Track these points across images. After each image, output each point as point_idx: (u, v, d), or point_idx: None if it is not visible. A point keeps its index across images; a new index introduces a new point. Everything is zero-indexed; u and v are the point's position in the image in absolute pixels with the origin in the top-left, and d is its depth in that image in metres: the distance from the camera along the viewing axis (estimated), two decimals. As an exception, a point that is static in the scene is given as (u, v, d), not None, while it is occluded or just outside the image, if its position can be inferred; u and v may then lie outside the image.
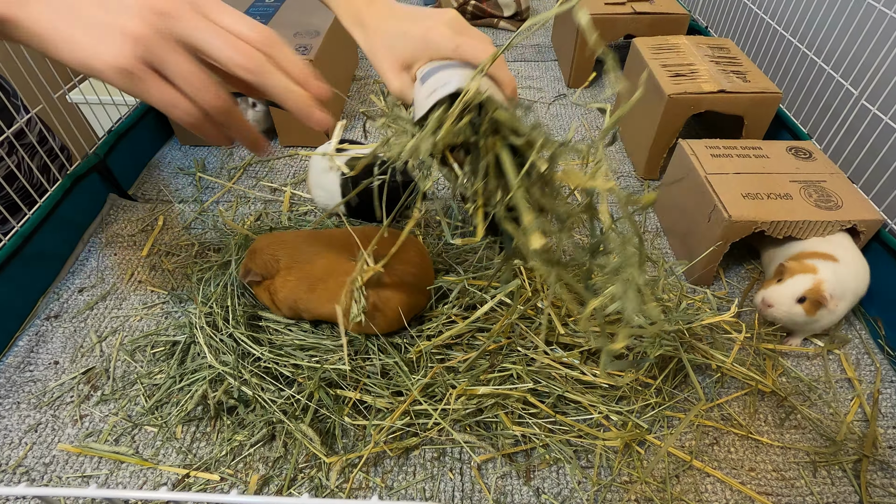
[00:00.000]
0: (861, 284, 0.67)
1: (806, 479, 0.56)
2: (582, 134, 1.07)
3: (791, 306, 0.64)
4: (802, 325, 0.66)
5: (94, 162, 0.86)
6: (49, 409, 0.61)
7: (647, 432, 0.58)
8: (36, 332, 0.69)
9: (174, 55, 0.35)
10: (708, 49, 0.97)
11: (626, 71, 1.03)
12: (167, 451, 0.57)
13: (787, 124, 0.93)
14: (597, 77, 1.26)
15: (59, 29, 0.33)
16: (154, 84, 0.35)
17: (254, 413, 0.58)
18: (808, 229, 0.68)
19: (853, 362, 0.67)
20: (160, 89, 0.35)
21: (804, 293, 0.63)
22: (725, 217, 0.67)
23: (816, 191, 0.71)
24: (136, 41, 0.33)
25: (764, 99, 0.84)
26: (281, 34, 1.00)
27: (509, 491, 0.55)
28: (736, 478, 0.56)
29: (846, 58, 0.86)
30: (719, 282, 0.77)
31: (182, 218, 0.86)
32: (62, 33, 0.33)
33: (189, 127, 0.38)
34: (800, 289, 0.63)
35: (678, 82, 0.86)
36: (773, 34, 1.05)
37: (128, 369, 0.65)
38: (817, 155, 0.79)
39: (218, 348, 0.61)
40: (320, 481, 0.55)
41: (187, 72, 0.35)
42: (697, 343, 0.63)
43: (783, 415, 0.61)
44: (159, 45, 0.34)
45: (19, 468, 0.56)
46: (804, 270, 0.64)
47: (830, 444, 0.58)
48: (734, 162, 0.76)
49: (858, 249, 0.68)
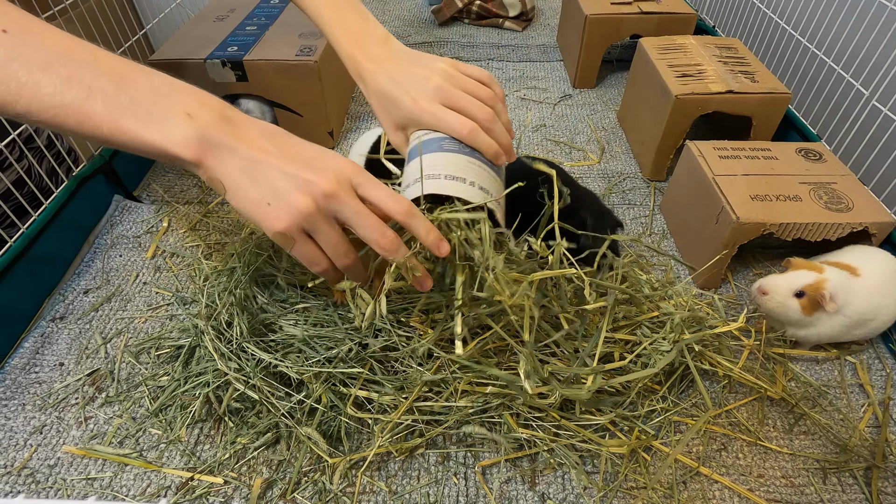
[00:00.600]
0: (881, 314, 0.62)
1: (816, 486, 0.55)
2: (588, 135, 1.06)
3: (786, 297, 0.62)
4: (797, 325, 0.63)
5: (99, 163, 0.86)
6: (54, 411, 0.61)
7: (653, 438, 0.57)
8: (41, 334, 0.69)
9: (327, 227, 0.40)
10: (716, 49, 0.96)
11: (632, 71, 1.03)
12: (171, 453, 0.57)
13: (797, 125, 0.92)
14: (602, 78, 1.25)
15: (240, 185, 0.38)
16: (302, 245, 0.41)
17: (258, 416, 0.58)
18: (817, 231, 0.67)
19: (864, 367, 0.66)
20: (306, 249, 0.41)
21: (803, 287, 0.61)
22: (733, 219, 0.66)
23: (826, 193, 0.70)
24: (301, 215, 0.38)
25: (773, 99, 0.83)
26: (286, 34, 1.00)
27: (514, 496, 0.54)
28: (744, 484, 0.55)
29: (857, 57, 0.85)
30: (727, 284, 0.76)
31: (187, 219, 0.86)
32: (242, 189, 0.38)
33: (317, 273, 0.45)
34: (799, 282, 0.61)
35: (685, 83, 0.85)
36: (782, 34, 1.04)
37: (132, 371, 0.65)
38: (827, 156, 0.77)
39: (223, 352, 0.61)
40: (324, 485, 0.54)
41: (334, 242, 0.42)
42: (705, 350, 0.62)
43: (792, 420, 0.60)
44: (318, 220, 0.40)
45: (24, 470, 0.56)
46: (810, 268, 0.63)
47: (841, 451, 0.57)
48: (742, 163, 0.75)
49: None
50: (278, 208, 0.38)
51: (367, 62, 0.52)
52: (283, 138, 0.41)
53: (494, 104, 0.51)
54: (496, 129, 0.49)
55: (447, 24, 1.50)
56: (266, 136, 0.40)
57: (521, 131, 1.07)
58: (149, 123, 0.37)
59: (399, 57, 0.52)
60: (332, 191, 0.39)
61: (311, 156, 0.41)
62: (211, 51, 0.92)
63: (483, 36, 1.44)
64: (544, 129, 1.08)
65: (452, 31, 1.46)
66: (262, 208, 0.38)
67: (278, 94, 0.94)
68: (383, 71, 0.51)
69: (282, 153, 0.39)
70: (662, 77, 0.87)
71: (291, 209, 0.38)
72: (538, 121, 1.10)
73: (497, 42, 1.40)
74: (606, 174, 0.96)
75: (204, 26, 1.02)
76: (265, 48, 0.93)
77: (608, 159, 1.00)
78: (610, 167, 0.98)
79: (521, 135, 1.06)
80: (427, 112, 0.49)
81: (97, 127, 0.37)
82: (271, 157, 0.39)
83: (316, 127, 0.99)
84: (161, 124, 0.38)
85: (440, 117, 0.48)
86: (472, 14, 1.48)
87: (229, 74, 0.91)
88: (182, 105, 0.38)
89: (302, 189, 0.38)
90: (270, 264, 0.71)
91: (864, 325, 0.63)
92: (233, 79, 0.92)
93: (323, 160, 0.41)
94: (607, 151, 1.02)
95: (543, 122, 1.10)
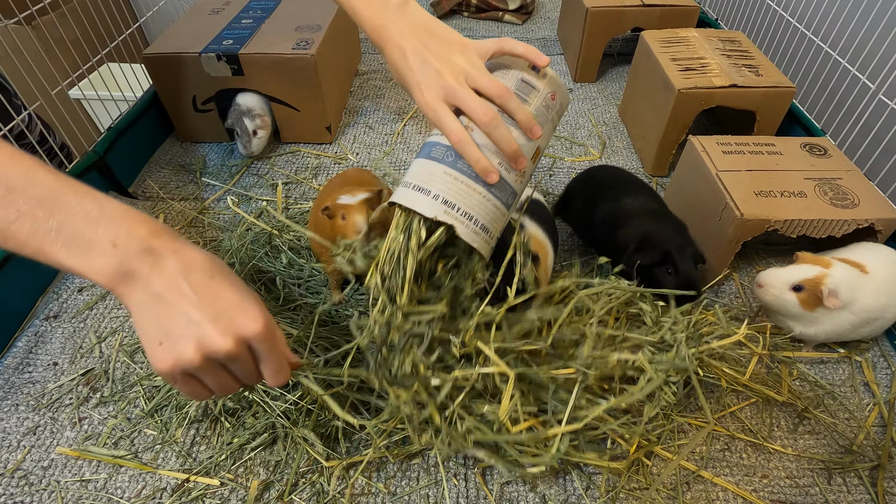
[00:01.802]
0: (888, 313, 0.62)
1: (821, 487, 0.54)
2: (589, 129, 1.05)
3: (783, 291, 0.61)
4: (799, 320, 0.62)
5: (93, 159, 0.85)
6: (48, 412, 0.60)
7: (656, 443, 0.56)
8: (35, 333, 0.68)
9: (212, 375, 0.41)
10: (719, 42, 0.94)
11: (633, 65, 1.01)
12: (167, 454, 0.57)
13: (801, 120, 0.91)
14: (603, 71, 1.23)
15: (142, 317, 0.39)
16: (183, 385, 0.41)
17: (255, 416, 0.57)
18: (822, 228, 0.66)
19: (870, 366, 0.65)
20: (187, 388, 0.41)
21: (802, 281, 0.60)
22: (737, 215, 0.65)
23: (832, 188, 0.69)
24: (186, 364, 0.39)
25: (777, 93, 0.82)
26: (282, 28, 0.99)
27: (514, 497, 0.53)
28: (748, 485, 0.54)
29: (863, 51, 0.83)
30: (731, 282, 0.75)
31: (183, 216, 0.85)
32: (141, 322, 0.39)
33: None
34: (798, 276, 0.60)
35: (688, 76, 0.83)
36: (787, 26, 1.02)
37: (127, 371, 0.64)
38: (832, 151, 0.76)
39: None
40: (321, 487, 0.54)
41: (219, 384, 0.42)
42: (710, 360, 0.60)
43: (797, 420, 0.60)
44: (203, 371, 0.40)
45: (17, 472, 0.55)
46: (817, 262, 0.61)
47: (846, 451, 0.57)
48: (746, 159, 0.74)
49: None
50: (167, 352, 0.38)
51: (389, 35, 0.51)
52: (204, 279, 0.40)
53: (506, 102, 0.48)
54: (495, 134, 0.47)
55: (447, 17, 1.48)
56: (186, 274, 0.39)
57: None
58: (73, 249, 0.38)
59: (422, 35, 0.50)
60: (224, 352, 0.39)
61: (224, 305, 0.40)
62: (206, 44, 0.90)
63: (483, 29, 1.42)
64: (545, 124, 1.06)
65: (452, 24, 1.44)
66: (153, 346, 0.39)
67: (275, 89, 0.93)
68: (402, 51, 0.50)
69: (194, 296, 0.39)
70: (665, 71, 0.85)
71: (178, 358, 0.38)
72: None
73: (497, 35, 1.37)
74: (608, 169, 0.95)
75: (199, 19, 1.00)
76: (261, 42, 0.91)
77: (609, 154, 0.99)
78: (611, 162, 0.97)
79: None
80: (430, 109, 0.48)
81: (21, 247, 0.38)
82: (182, 298, 0.38)
83: (313, 122, 0.97)
84: (84, 251, 0.38)
85: (440, 118, 0.48)
86: (471, 7, 1.46)
87: (224, 68, 0.90)
88: (108, 234, 0.38)
89: (197, 341, 0.38)
90: (267, 262, 0.70)
91: (871, 324, 0.62)
92: (228, 73, 0.90)
93: (231, 314, 0.40)
94: (608, 146, 1.01)
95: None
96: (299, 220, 0.82)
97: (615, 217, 0.69)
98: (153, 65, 0.90)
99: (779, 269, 0.62)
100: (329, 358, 0.55)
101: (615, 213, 0.69)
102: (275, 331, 0.43)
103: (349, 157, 0.98)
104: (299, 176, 0.93)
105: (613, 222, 0.68)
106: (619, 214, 0.68)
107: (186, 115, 0.97)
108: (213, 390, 0.42)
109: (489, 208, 0.47)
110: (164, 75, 0.91)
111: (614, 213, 0.69)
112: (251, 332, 0.40)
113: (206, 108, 0.96)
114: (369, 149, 1.00)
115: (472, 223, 0.46)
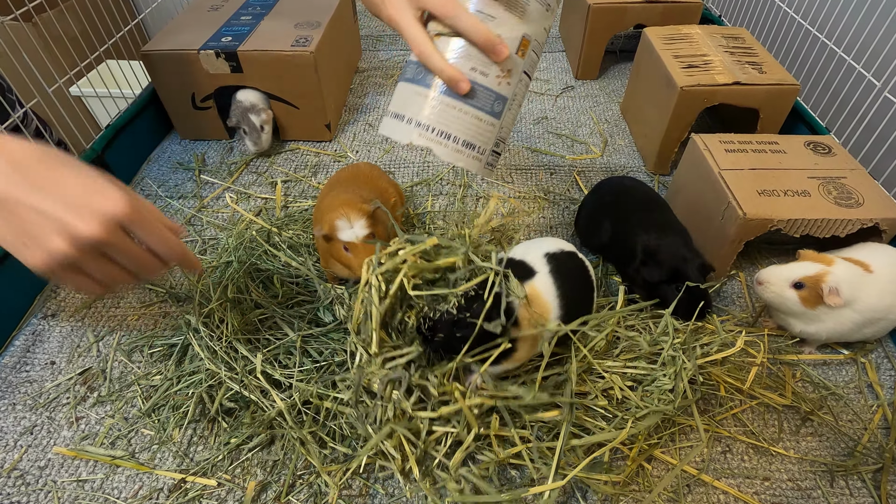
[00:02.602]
0: (892, 313, 0.60)
1: (823, 490, 0.54)
2: (590, 127, 1.04)
3: (783, 288, 0.60)
4: (801, 318, 0.62)
5: (91, 157, 0.84)
6: (45, 411, 0.60)
7: (656, 447, 0.56)
8: (32, 332, 0.68)
9: (94, 263, 0.39)
10: (722, 39, 0.93)
11: (636, 62, 1.00)
12: (164, 454, 0.56)
13: (805, 118, 0.90)
14: (605, 69, 1.23)
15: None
16: (66, 277, 0.39)
17: (252, 416, 0.57)
18: (826, 228, 0.65)
19: (873, 366, 0.64)
20: (72, 281, 0.40)
21: (802, 278, 0.59)
22: (740, 215, 0.64)
23: (836, 187, 0.68)
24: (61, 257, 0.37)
25: (781, 91, 0.81)
26: (281, 25, 0.98)
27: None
28: (750, 487, 0.54)
29: (868, 48, 0.82)
30: (734, 282, 0.74)
31: (181, 214, 0.85)
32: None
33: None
34: (798, 273, 0.60)
35: (691, 74, 0.83)
36: (791, 23, 1.01)
37: (125, 370, 0.63)
38: (837, 150, 0.75)
39: (216, 350, 0.59)
40: (319, 487, 0.53)
41: (104, 273, 0.40)
42: (710, 366, 0.60)
43: (799, 422, 0.59)
44: (81, 260, 0.38)
45: (14, 471, 0.55)
46: (819, 260, 0.61)
47: (849, 453, 0.56)
48: (749, 157, 0.73)
49: None
50: (35, 249, 0.37)
51: None
52: (39, 169, 0.37)
53: None
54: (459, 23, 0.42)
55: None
56: (17, 165, 0.36)
57: (522, 123, 1.05)
58: None
59: None
60: (95, 238, 0.37)
61: (74, 192, 0.37)
62: (205, 41, 0.89)
63: (484, 26, 1.41)
64: (546, 122, 1.06)
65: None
66: (18, 248, 0.37)
67: (274, 86, 0.92)
68: None
69: (34, 187, 0.36)
70: (667, 68, 0.85)
71: (49, 251, 0.37)
72: (539, 113, 1.08)
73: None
74: (609, 168, 0.94)
75: (198, 16, 0.99)
76: (260, 39, 0.91)
77: (611, 153, 0.98)
78: (613, 161, 0.96)
79: (523, 127, 1.04)
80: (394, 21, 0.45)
81: None
82: (26, 195, 0.36)
83: (312, 119, 0.97)
84: None
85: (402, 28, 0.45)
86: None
87: (223, 65, 0.89)
88: None
89: (60, 233, 0.36)
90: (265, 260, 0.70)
91: (875, 324, 0.61)
92: (227, 70, 0.90)
93: (87, 198, 0.37)
94: (610, 144, 1.00)
95: (545, 115, 1.08)
96: (298, 218, 0.81)
97: (623, 230, 0.69)
98: (152, 62, 0.90)
99: (779, 266, 0.62)
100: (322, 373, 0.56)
101: (623, 227, 0.69)
102: (141, 206, 0.41)
103: (349, 155, 0.97)
104: (298, 174, 0.92)
105: (621, 236, 0.68)
106: (628, 228, 0.68)
107: (185, 112, 0.96)
108: (101, 281, 0.41)
109: (469, 122, 0.43)
110: (163, 72, 0.91)
111: (622, 227, 0.69)
112: (114, 212, 0.38)
113: (205, 105, 0.95)
114: (369, 147, 0.99)
115: (450, 141, 0.43)
